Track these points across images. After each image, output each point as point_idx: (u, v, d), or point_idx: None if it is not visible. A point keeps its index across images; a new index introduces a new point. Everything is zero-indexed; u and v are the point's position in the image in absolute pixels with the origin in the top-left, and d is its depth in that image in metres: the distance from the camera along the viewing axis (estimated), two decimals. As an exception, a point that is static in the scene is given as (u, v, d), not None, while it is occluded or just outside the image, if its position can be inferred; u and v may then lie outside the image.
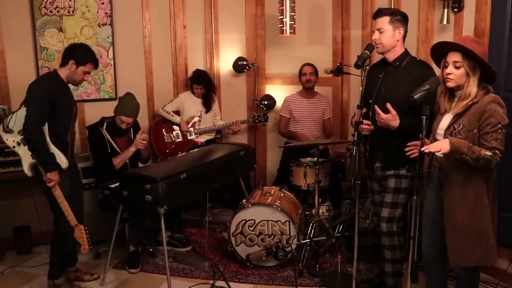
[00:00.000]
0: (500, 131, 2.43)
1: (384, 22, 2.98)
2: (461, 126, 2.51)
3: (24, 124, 3.07)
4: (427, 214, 2.80)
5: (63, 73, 3.28)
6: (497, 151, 2.41)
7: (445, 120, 2.62)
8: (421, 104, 2.51)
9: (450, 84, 2.55)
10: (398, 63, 3.05)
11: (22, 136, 3.14)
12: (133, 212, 3.76)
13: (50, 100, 3.12)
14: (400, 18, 3.00)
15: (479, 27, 3.58)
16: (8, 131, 3.17)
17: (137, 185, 3.15)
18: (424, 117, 2.50)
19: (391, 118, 2.90)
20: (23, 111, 3.12)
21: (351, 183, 4.53)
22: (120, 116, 3.95)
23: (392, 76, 3.06)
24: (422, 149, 2.43)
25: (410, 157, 2.66)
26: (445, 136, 2.56)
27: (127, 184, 3.25)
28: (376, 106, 2.95)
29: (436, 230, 2.72)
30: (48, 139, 3.11)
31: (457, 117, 2.53)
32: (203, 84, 4.90)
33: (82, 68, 3.27)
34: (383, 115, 2.92)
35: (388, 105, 2.90)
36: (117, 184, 3.42)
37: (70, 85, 3.37)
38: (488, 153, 2.38)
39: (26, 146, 3.13)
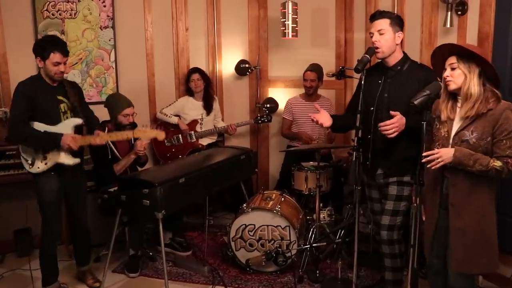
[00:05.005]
0: None
1: (384, 23, 2.91)
2: (474, 134, 2.45)
3: (8, 130, 3.17)
4: (429, 223, 2.73)
5: (42, 72, 3.29)
6: (509, 160, 2.37)
7: (454, 127, 2.55)
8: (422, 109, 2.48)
9: (450, 87, 2.51)
10: (399, 67, 2.99)
11: None
12: (132, 216, 3.73)
13: (29, 101, 3.17)
14: (399, 22, 2.96)
15: (483, 30, 3.54)
16: None
17: (135, 189, 3.12)
18: (424, 122, 2.47)
19: (400, 118, 2.83)
20: None
21: (353, 187, 4.51)
22: (123, 112, 3.91)
23: (394, 81, 2.99)
24: (423, 160, 2.40)
25: (427, 166, 2.52)
26: (453, 142, 2.50)
27: (125, 188, 3.23)
28: (392, 112, 2.84)
29: (440, 240, 2.68)
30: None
31: (468, 121, 2.46)
32: (201, 73, 4.87)
33: (49, 61, 3.21)
34: (391, 121, 2.83)
35: (392, 112, 2.82)
36: (115, 188, 3.40)
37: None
38: (498, 163, 2.35)
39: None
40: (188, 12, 5.15)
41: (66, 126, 3.30)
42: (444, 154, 2.41)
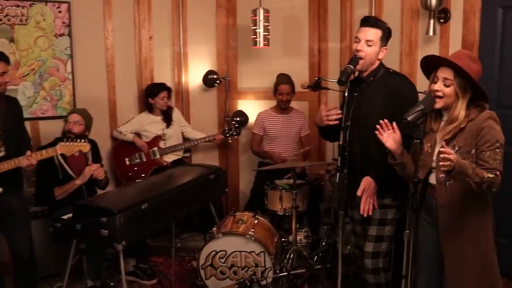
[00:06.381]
0: (498, 150, 2.22)
1: (376, 35, 2.71)
2: (456, 148, 2.27)
3: None
4: (421, 250, 2.54)
5: None
6: (498, 172, 2.17)
7: (438, 143, 2.38)
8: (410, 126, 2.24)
9: (438, 105, 2.33)
10: (371, 78, 2.80)
11: None
12: (89, 246, 3.40)
13: None
14: (388, 36, 2.77)
15: (468, 39, 3.41)
16: None
17: (92, 217, 2.79)
18: (418, 141, 2.23)
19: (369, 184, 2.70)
20: None
21: (329, 204, 4.30)
22: (68, 119, 3.68)
23: (366, 94, 2.81)
24: (441, 149, 2.09)
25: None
26: (437, 161, 2.29)
27: (80, 216, 2.89)
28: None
29: (434, 267, 2.51)
30: None
31: (450, 136, 2.31)
32: (169, 91, 4.65)
33: None
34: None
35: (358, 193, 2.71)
36: (70, 215, 3.06)
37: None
38: (491, 175, 2.14)
39: None
40: (152, 20, 4.85)
41: None
42: (454, 157, 2.12)
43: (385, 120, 2.41)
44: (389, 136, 2.39)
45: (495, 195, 2.30)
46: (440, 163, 2.06)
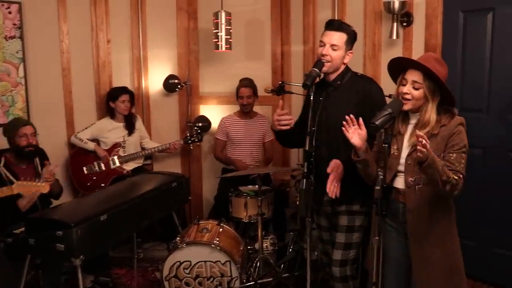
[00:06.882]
0: (464, 154, 2.24)
1: (341, 39, 2.65)
2: None
3: None
4: (389, 255, 2.48)
5: None
6: (461, 176, 2.17)
7: (405, 146, 2.37)
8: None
9: (407, 107, 2.30)
10: (339, 82, 2.74)
11: None
12: (44, 261, 3.22)
13: None
14: (353, 40, 2.71)
15: (430, 43, 3.41)
16: None
17: (47, 231, 2.64)
18: (387, 145, 2.18)
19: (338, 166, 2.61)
20: None
21: (295, 210, 4.24)
22: (19, 132, 3.46)
23: (333, 98, 2.75)
24: (418, 133, 2.07)
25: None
26: (406, 163, 2.32)
27: (34, 230, 2.72)
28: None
29: (402, 272, 2.48)
30: None
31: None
32: (131, 94, 4.50)
33: None
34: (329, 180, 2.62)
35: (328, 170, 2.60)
36: (22, 229, 2.88)
37: None
38: (455, 177, 2.14)
39: None
40: (110, 22, 4.68)
41: None
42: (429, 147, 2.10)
43: (351, 116, 2.38)
44: (355, 132, 2.37)
45: (461, 197, 2.30)
46: (418, 148, 2.03)
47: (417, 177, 2.29)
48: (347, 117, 2.39)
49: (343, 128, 2.38)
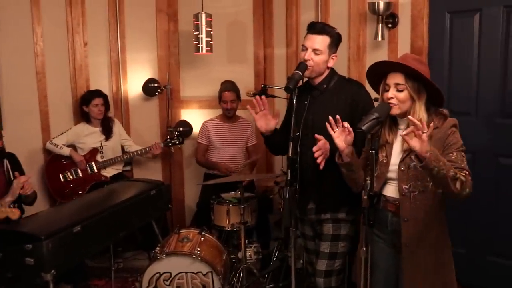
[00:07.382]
0: (463, 153, 2.18)
1: (323, 42, 2.56)
2: None
3: None
4: (376, 266, 2.38)
5: None
6: (467, 172, 2.09)
7: (395, 153, 2.28)
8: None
9: (394, 111, 2.21)
10: (325, 85, 2.66)
11: None
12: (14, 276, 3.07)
13: None
14: (337, 43, 2.62)
15: (416, 45, 3.37)
16: None
17: (15, 244, 2.50)
18: (374, 151, 2.08)
19: (323, 143, 2.43)
20: None
21: (279, 216, 4.14)
22: None
23: (319, 102, 2.66)
24: (403, 133, 2.03)
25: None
26: (399, 171, 2.23)
27: (2, 243, 2.58)
28: (317, 136, 2.45)
29: (390, 283, 2.40)
30: None
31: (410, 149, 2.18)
32: (104, 98, 4.38)
33: None
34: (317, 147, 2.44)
35: (316, 136, 2.43)
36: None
37: None
38: (462, 173, 2.07)
39: None
40: (86, 24, 4.55)
41: None
42: (418, 142, 2.00)
43: (337, 117, 2.30)
44: (341, 134, 2.29)
45: (450, 204, 2.26)
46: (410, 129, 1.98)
47: (412, 183, 2.21)
48: (330, 118, 2.30)
49: (327, 125, 2.29)
